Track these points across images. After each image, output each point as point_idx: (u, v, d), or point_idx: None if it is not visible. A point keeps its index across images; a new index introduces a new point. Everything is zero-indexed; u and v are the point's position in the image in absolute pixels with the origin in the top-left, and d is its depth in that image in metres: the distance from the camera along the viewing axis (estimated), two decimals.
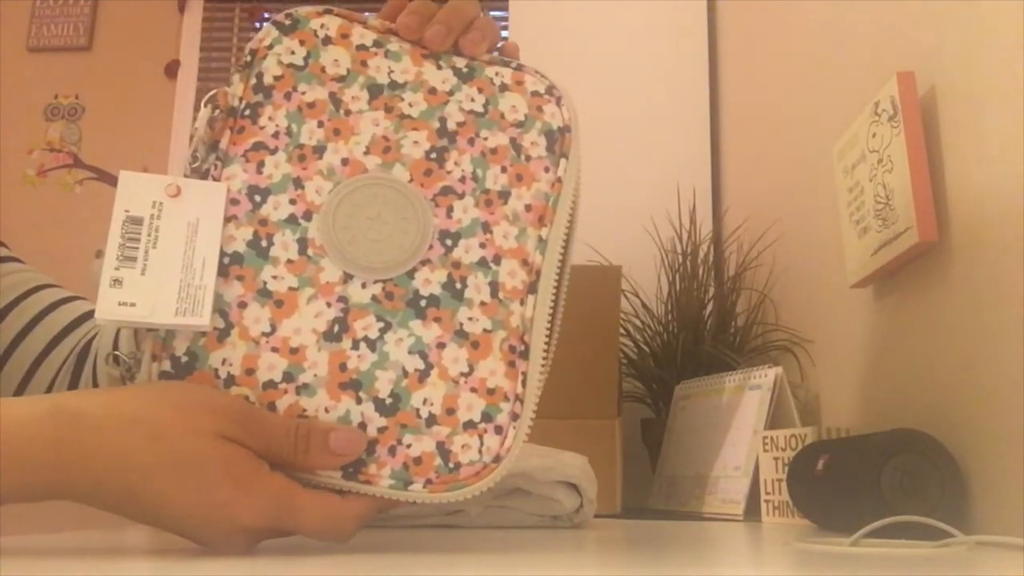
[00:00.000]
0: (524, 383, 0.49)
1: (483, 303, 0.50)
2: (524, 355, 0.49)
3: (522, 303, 0.50)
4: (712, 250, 1.41)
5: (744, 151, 1.46)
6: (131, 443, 0.40)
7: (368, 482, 0.46)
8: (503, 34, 0.54)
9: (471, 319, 0.49)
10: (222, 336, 0.46)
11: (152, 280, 0.45)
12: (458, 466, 0.47)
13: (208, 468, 0.41)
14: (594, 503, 0.74)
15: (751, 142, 1.41)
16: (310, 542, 0.48)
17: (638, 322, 1.32)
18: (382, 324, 0.48)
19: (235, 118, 0.50)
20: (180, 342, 0.46)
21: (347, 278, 0.48)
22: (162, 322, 0.45)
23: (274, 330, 0.47)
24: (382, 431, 0.46)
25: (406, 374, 0.47)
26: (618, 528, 0.74)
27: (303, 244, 0.48)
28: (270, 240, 0.48)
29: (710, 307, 1.32)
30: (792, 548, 0.52)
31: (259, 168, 0.49)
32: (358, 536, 0.49)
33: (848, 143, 0.86)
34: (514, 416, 0.48)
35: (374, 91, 0.52)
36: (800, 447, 0.81)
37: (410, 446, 0.46)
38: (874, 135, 0.79)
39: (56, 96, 2.50)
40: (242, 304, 0.47)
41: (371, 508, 0.46)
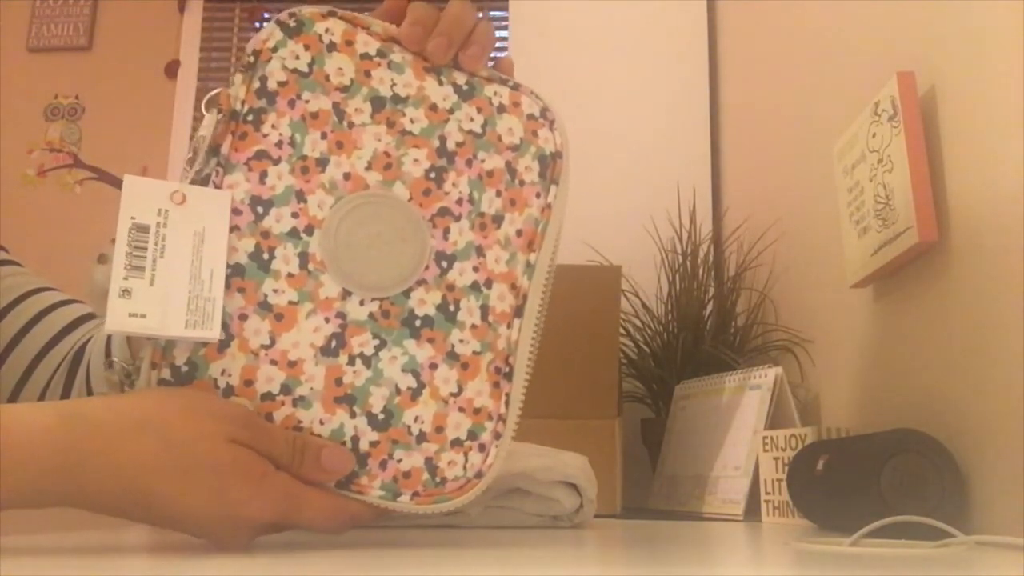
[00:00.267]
0: (507, 403, 0.51)
1: (474, 326, 0.51)
2: (508, 376, 0.51)
3: (508, 326, 0.52)
4: (712, 250, 1.41)
5: (744, 151, 1.46)
6: (142, 448, 0.41)
7: (360, 492, 0.47)
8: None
9: (462, 341, 0.50)
10: (222, 347, 0.47)
11: (160, 290, 0.45)
12: (444, 481, 0.49)
13: (219, 469, 0.42)
14: (594, 503, 0.74)
15: (751, 142, 1.41)
16: (310, 542, 0.48)
17: (638, 322, 1.32)
18: (377, 341, 0.49)
19: (237, 122, 0.49)
20: (180, 352, 0.46)
21: (346, 294, 0.49)
22: (173, 335, 0.45)
23: (273, 343, 0.47)
24: (374, 445, 0.48)
25: (399, 391, 0.49)
26: (618, 528, 0.74)
27: (304, 258, 0.48)
28: (272, 253, 0.48)
29: (710, 307, 1.32)
30: (792, 548, 0.52)
31: (262, 178, 0.49)
32: (358, 535, 0.49)
33: (848, 143, 0.86)
34: (496, 435, 0.50)
35: (377, 104, 0.52)
36: (800, 447, 0.81)
37: (400, 461, 0.48)
38: (874, 135, 0.79)
39: (56, 96, 2.50)
40: (243, 316, 0.47)
41: (366, 510, 0.48)
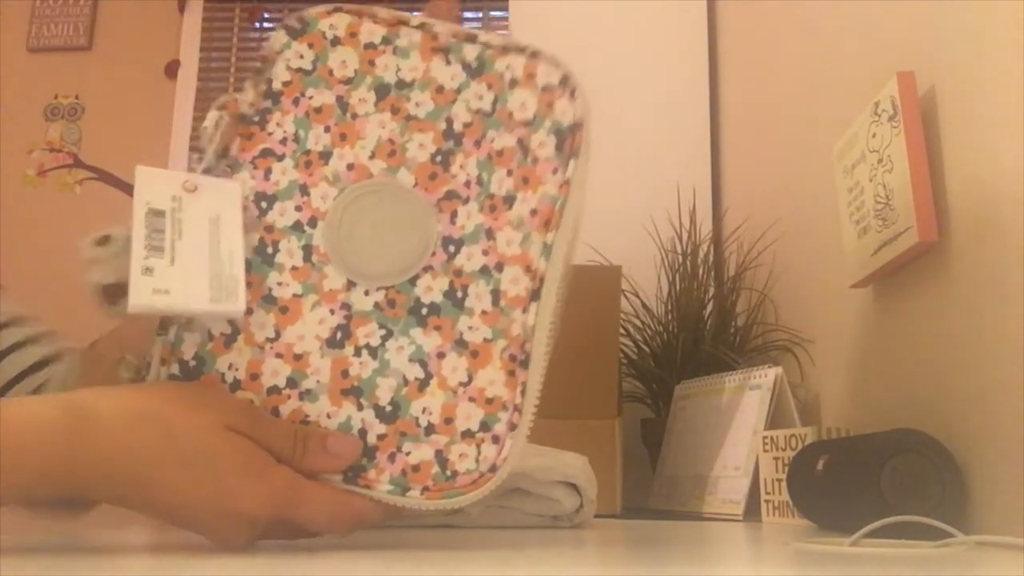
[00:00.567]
0: (523, 393, 0.47)
1: (484, 312, 0.49)
2: (524, 364, 0.48)
3: (524, 311, 0.48)
4: (712, 250, 1.41)
5: (744, 151, 1.46)
6: (143, 438, 0.41)
7: (367, 487, 0.46)
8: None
9: (471, 328, 0.49)
10: (229, 341, 0.47)
11: (182, 269, 0.45)
12: (455, 474, 0.47)
13: (219, 459, 0.42)
14: (594, 503, 0.74)
15: (751, 142, 1.41)
16: (310, 543, 0.48)
17: (638, 322, 1.32)
18: (384, 331, 0.48)
19: (246, 124, 0.51)
20: (188, 347, 0.47)
21: (350, 285, 0.49)
22: (198, 309, 0.45)
23: (278, 336, 0.47)
24: (382, 438, 0.47)
25: (406, 382, 0.48)
26: (618, 528, 0.74)
27: (308, 251, 0.49)
28: (276, 247, 0.49)
29: (710, 307, 1.32)
30: (792, 548, 0.52)
31: (267, 175, 0.50)
32: (359, 536, 0.49)
33: (848, 143, 0.86)
34: (512, 426, 0.47)
35: (381, 92, 0.52)
36: (800, 447, 0.81)
37: (409, 454, 0.47)
38: (874, 135, 0.79)
39: (56, 96, 2.50)
40: (248, 310, 0.47)
41: (373, 509, 0.46)
